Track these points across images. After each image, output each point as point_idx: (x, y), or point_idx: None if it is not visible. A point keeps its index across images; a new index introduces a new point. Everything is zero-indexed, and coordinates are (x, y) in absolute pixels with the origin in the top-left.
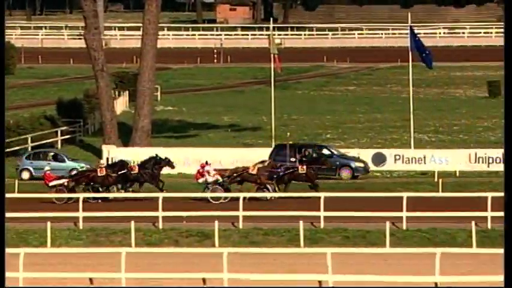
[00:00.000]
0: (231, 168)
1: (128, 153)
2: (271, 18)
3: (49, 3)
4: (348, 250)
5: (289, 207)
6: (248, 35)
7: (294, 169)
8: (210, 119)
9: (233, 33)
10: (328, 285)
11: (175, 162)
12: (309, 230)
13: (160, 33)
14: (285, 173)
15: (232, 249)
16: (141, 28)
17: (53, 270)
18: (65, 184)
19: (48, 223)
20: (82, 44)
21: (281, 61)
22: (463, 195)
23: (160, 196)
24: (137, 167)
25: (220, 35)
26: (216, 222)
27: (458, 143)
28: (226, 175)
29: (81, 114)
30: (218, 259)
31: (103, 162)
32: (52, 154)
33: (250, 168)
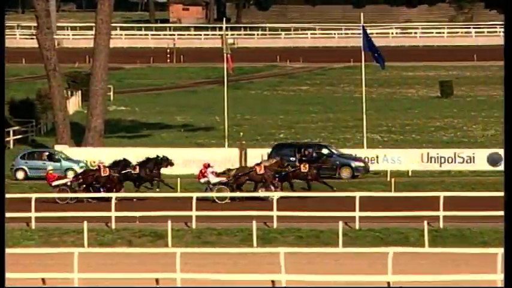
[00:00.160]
0: (237, 168)
1: (81, 153)
2: (224, 18)
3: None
4: (301, 250)
5: (242, 208)
6: (201, 34)
7: (295, 168)
8: (163, 119)
9: (186, 33)
10: (281, 285)
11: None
12: (262, 229)
13: (113, 33)
14: (287, 172)
15: (185, 250)
16: (94, 28)
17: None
18: (68, 184)
19: None
20: (34, 43)
21: (234, 61)
22: (416, 194)
23: (114, 196)
24: (138, 167)
25: (173, 34)
26: (169, 222)
27: (411, 142)
28: (232, 175)
29: (34, 114)
30: (171, 259)
31: (103, 161)
32: (47, 154)
33: (257, 168)
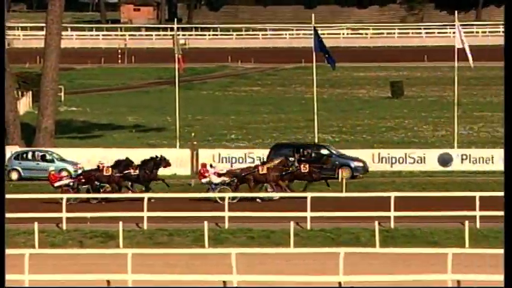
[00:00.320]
0: (241, 168)
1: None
2: (176, 19)
3: None
4: (253, 250)
5: (196, 208)
6: (152, 35)
7: (295, 168)
8: (114, 120)
9: (137, 34)
10: (232, 285)
11: (80, 163)
12: (214, 230)
13: (64, 34)
14: (287, 172)
15: (137, 250)
16: (45, 28)
17: None
18: (71, 184)
19: None
20: None
21: (185, 62)
22: (367, 195)
23: (64, 197)
24: (137, 168)
25: (124, 35)
26: (121, 223)
27: (362, 143)
28: (236, 174)
29: None
30: (122, 260)
31: (103, 162)
32: (41, 154)
33: (260, 167)
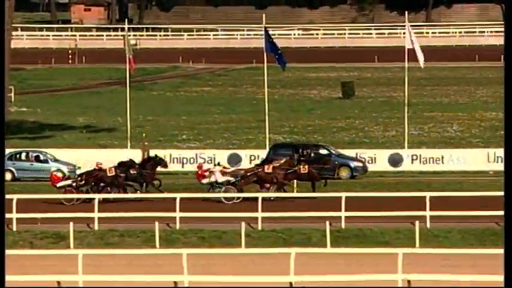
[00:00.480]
0: (245, 168)
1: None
2: (126, 19)
3: None
4: (204, 251)
5: (148, 209)
6: (103, 35)
7: (289, 167)
8: (65, 120)
9: (88, 34)
10: (183, 285)
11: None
12: (165, 231)
13: (14, 34)
14: (289, 172)
15: (88, 251)
16: None
17: None
18: (73, 185)
19: None
20: None
21: (136, 62)
22: (318, 195)
23: (15, 198)
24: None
25: (74, 35)
26: (71, 223)
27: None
28: (241, 174)
29: None
30: (73, 261)
31: (101, 162)
32: (35, 155)
33: (266, 167)
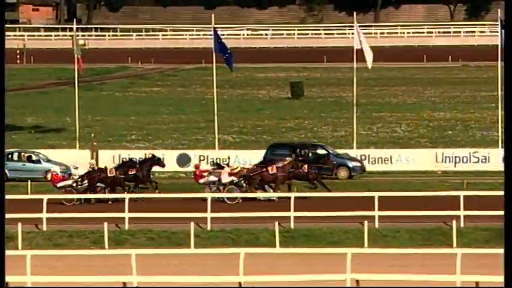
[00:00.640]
0: (249, 168)
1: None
2: (75, 19)
3: None
4: (153, 251)
5: (96, 209)
6: (51, 35)
7: (294, 168)
8: (13, 121)
9: (36, 34)
10: (132, 285)
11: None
12: (114, 231)
13: None
14: (289, 172)
15: (36, 252)
16: None
17: None
18: (74, 185)
19: None
20: None
21: (85, 62)
22: (267, 195)
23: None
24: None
25: (23, 35)
26: (19, 224)
27: (262, 143)
28: (244, 174)
29: None
30: (22, 262)
31: (93, 162)
32: (27, 155)
33: (269, 168)
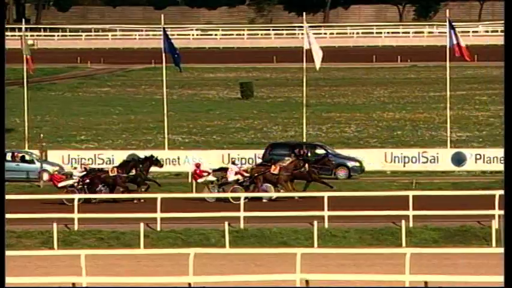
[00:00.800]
0: (252, 168)
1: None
2: (24, 19)
3: None
4: (102, 252)
5: (46, 210)
6: None
7: (296, 168)
8: None
9: None
10: (82, 285)
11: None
12: (63, 232)
13: None
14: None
15: None
16: None
17: None
18: (75, 185)
19: None
20: None
21: (34, 62)
22: (217, 195)
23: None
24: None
25: None
26: None
27: (212, 144)
28: (247, 175)
29: None
30: None
31: (86, 162)
32: (21, 155)
33: (272, 167)
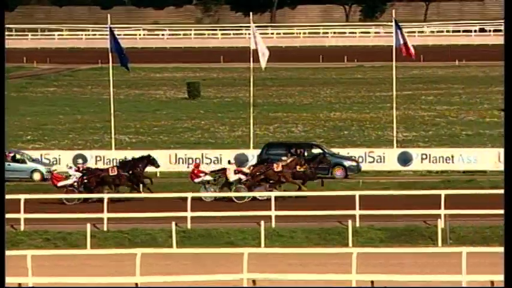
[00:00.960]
0: (254, 167)
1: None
2: None
3: None
4: (49, 252)
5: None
6: None
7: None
8: None
9: None
10: (28, 286)
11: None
12: (9, 232)
13: None
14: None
15: None
16: None
17: None
18: (75, 185)
19: None
20: None
21: None
22: (164, 195)
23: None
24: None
25: None
26: None
27: (159, 144)
28: (249, 173)
29: None
30: None
31: (81, 161)
32: (12, 155)
33: (275, 165)
